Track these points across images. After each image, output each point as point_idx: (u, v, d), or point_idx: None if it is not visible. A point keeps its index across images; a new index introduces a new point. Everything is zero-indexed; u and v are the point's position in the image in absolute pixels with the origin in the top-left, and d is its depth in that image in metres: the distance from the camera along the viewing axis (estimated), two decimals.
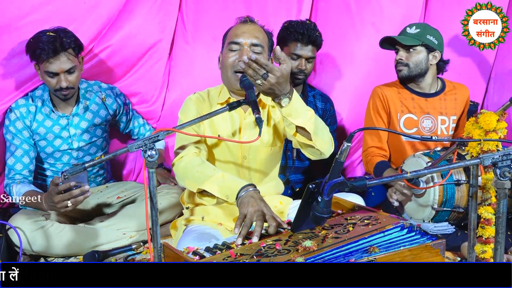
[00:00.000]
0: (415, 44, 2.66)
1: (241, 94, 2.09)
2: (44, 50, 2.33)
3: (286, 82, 1.79)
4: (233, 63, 2.05)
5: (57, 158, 2.61)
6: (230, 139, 2.09)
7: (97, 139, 2.66)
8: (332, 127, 3.00)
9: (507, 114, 1.98)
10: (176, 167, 2.02)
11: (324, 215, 1.59)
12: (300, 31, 2.73)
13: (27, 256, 2.34)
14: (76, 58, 2.45)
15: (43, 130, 2.53)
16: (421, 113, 2.76)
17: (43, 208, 2.26)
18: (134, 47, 2.88)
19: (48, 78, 2.41)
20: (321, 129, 1.96)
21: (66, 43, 2.38)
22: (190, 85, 2.93)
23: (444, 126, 2.77)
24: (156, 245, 1.70)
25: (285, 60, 1.77)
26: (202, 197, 2.08)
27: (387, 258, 1.57)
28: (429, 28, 2.71)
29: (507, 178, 1.54)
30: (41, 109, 2.53)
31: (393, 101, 2.77)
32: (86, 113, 2.60)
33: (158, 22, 2.89)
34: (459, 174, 2.36)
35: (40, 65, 2.40)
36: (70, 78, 2.42)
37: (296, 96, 1.86)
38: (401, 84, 2.81)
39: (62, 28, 2.46)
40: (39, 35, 2.39)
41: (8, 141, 2.53)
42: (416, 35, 2.67)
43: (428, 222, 2.40)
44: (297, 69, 2.77)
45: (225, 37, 2.17)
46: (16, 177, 2.46)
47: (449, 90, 2.81)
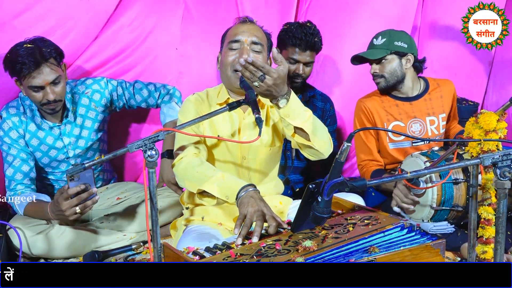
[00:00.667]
0: (384, 55, 2.63)
1: (240, 93, 2.09)
2: (25, 64, 2.19)
3: (283, 83, 1.79)
4: (233, 62, 2.05)
5: (54, 167, 2.56)
6: (230, 139, 2.09)
7: (93, 143, 2.60)
8: (332, 127, 3.00)
9: (507, 114, 1.98)
10: (176, 168, 2.02)
11: (324, 215, 1.59)
12: (298, 37, 2.70)
13: (27, 259, 2.33)
14: (59, 68, 2.32)
15: (36, 141, 2.46)
16: (407, 118, 2.72)
17: (49, 218, 2.24)
18: (132, 43, 2.87)
19: (33, 93, 2.28)
20: (319, 129, 1.96)
21: (46, 53, 2.25)
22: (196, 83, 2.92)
23: (433, 126, 2.74)
24: (156, 245, 1.70)
25: (282, 61, 1.77)
26: (202, 198, 2.08)
27: (387, 258, 1.57)
28: (394, 34, 2.66)
29: (507, 178, 1.54)
30: (33, 119, 2.44)
31: (377, 112, 2.73)
32: (76, 118, 2.51)
33: (158, 19, 2.88)
34: (457, 173, 2.36)
35: (22, 81, 2.26)
36: (56, 89, 2.30)
37: (294, 97, 1.86)
38: (383, 93, 2.77)
39: (39, 37, 2.34)
40: (16, 48, 2.25)
41: (4, 151, 2.44)
42: (383, 46, 2.64)
43: (427, 221, 2.40)
44: (294, 73, 2.76)
45: (224, 37, 2.17)
46: (18, 188, 2.40)
47: (433, 89, 2.77)
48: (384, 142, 2.74)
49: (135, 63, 2.92)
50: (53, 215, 2.16)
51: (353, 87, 3.22)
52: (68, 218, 2.05)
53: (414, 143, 2.71)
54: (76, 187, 1.97)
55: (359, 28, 3.17)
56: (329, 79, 3.24)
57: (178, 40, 2.95)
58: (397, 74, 2.67)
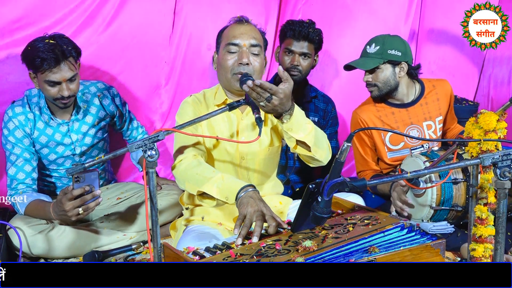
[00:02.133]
0: (377, 65, 2.57)
1: (239, 94, 2.09)
2: (45, 60, 2.24)
3: (288, 100, 1.81)
4: (233, 65, 2.04)
5: (59, 164, 2.57)
6: (229, 139, 2.09)
7: (98, 141, 2.63)
8: (334, 128, 3.01)
9: (507, 114, 1.98)
10: (176, 170, 2.02)
11: (324, 215, 1.59)
12: (293, 28, 2.76)
13: (27, 259, 2.33)
14: (76, 65, 2.37)
15: (44, 139, 2.47)
16: (404, 126, 2.68)
17: (50, 218, 2.24)
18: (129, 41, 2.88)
19: (48, 87, 2.32)
20: (320, 139, 1.98)
21: (67, 51, 2.30)
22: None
23: (431, 130, 2.70)
24: (156, 245, 1.70)
25: (288, 79, 1.78)
26: (203, 199, 2.08)
27: (387, 258, 1.57)
28: (389, 41, 2.59)
29: (507, 178, 1.54)
30: (40, 117, 2.46)
31: (373, 123, 2.68)
32: (85, 116, 2.55)
33: (156, 16, 2.90)
34: (456, 173, 2.36)
35: (39, 74, 2.30)
36: (71, 86, 2.34)
37: (297, 110, 1.87)
38: (377, 101, 2.73)
39: (59, 34, 2.38)
40: (35, 43, 2.29)
41: (8, 150, 2.44)
42: (376, 54, 2.58)
43: (427, 221, 2.40)
44: (290, 65, 2.79)
45: (220, 37, 2.14)
46: (19, 187, 2.40)
47: (429, 92, 2.72)
48: (382, 152, 2.70)
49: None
50: (55, 215, 2.16)
51: (350, 85, 3.22)
52: (71, 218, 2.05)
53: (413, 149, 2.68)
54: (80, 188, 1.96)
55: (356, 26, 3.17)
56: (329, 79, 3.24)
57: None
58: (390, 83, 2.62)
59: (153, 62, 3.02)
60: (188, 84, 3.09)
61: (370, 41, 2.64)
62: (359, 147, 2.74)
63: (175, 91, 3.09)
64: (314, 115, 2.93)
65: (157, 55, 3.02)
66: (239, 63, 2.02)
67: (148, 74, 3.02)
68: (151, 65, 3.02)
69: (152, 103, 3.09)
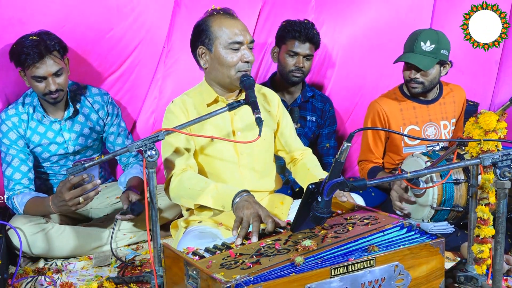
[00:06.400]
0: (434, 65, 2.55)
1: (232, 90, 2.08)
2: (29, 55, 2.28)
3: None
4: (237, 63, 2.01)
5: (54, 162, 2.58)
6: (229, 140, 2.07)
7: (92, 142, 2.62)
8: (332, 128, 3.01)
9: (507, 114, 1.98)
10: (169, 189, 2.00)
11: (324, 215, 1.59)
12: (297, 29, 2.74)
13: (27, 258, 2.33)
14: (62, 60, 2.39)
15: (37, 137, 2.48)
16: (423, 122, 2.70)
17: (50, 211, 2.24)
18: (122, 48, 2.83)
19: (35, 83, 2.35)
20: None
21: (50, 45, 2.33)
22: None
23: (446, 130, 2.73)
24: (156, 245, 1.70)
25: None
26: (200, 212, 2.06)
27: (387, 257, 1.57)
28: (442, 40, 2.56)
29: (507, 178, 1.54)
30: (33, 116, 2.48)
31: (394, 115, 2.68)
32: (78, 116, 2.55)
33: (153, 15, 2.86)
34: (458, 173, 2.36)
35: (26, 71, 2.35)
36: (58, 80, 2.37)
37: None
38: (401, 93, 2.73)
39: (45, 31, 2.41)
40: (22, 40, 2.34)
41: (3, 152, 2.47)
42: (432, 53, 2.54)
43: (427, 221, 2.40)
44: (295, 67, 2.78)
45: (208, 31, 2.03)
46: (16, 188, 2.40)
47: (447, 93, 2.76)
48: (399, 146, 2.71)
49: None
50: (55, 207, 2.17)
51: (354, 86, 3.20)
52: (71, 208, 2.06)
53: (429, 146, 2.68)
54: (79, 176, 1.97)
55: (368, 15, 3.14)
56: (330, 79, 3.22)
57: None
58: (435, 82, 2.63)
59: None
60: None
61: (423, 35, 2.56)
62: (370, 138, 2.75)
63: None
64: (311, 114, 2.93)
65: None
66: (246, 61, 2.01)
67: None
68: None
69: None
